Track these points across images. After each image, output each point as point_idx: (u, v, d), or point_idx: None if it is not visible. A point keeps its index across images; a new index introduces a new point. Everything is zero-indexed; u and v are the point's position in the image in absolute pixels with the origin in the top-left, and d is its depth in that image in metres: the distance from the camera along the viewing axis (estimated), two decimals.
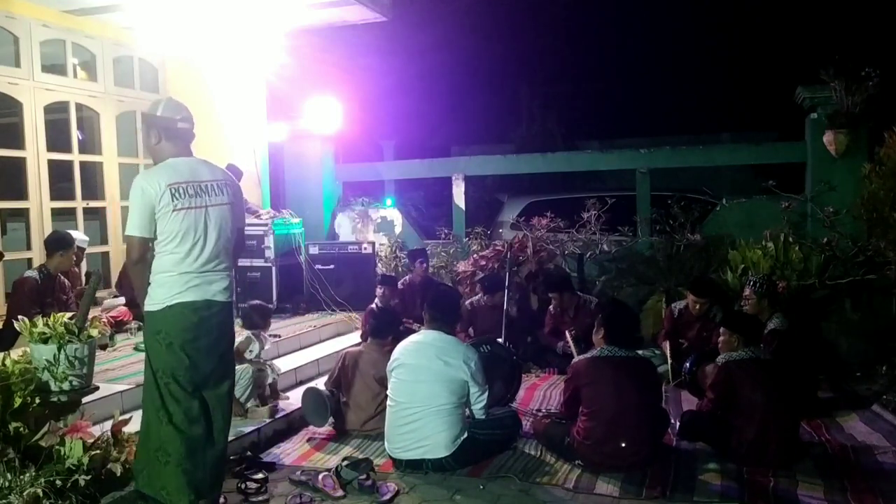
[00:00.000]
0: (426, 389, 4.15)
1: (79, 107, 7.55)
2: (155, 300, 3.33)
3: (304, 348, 6.43)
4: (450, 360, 4.18)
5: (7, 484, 3.14)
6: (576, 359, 4.44)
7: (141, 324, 6.20)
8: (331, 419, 4.82)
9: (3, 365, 3.62)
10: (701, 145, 8.79)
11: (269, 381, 5.14)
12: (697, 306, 5.97)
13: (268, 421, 4.79)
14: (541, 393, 5.74)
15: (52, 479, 3.22)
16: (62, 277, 5.86)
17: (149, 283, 3.36)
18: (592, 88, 16.86)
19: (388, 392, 4.36)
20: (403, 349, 4.34)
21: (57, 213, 7.19)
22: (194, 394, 3.32)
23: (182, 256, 3.34)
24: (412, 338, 4.43)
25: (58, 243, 5.77)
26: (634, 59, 16.20)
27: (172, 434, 3.24)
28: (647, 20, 15.59)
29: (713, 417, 4.38)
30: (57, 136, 7.25)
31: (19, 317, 3.98)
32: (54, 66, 7.29)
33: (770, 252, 6.46)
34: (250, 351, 5.05)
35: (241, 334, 5.17)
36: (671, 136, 11.62)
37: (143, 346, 4.50)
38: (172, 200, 3.28)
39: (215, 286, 3.49)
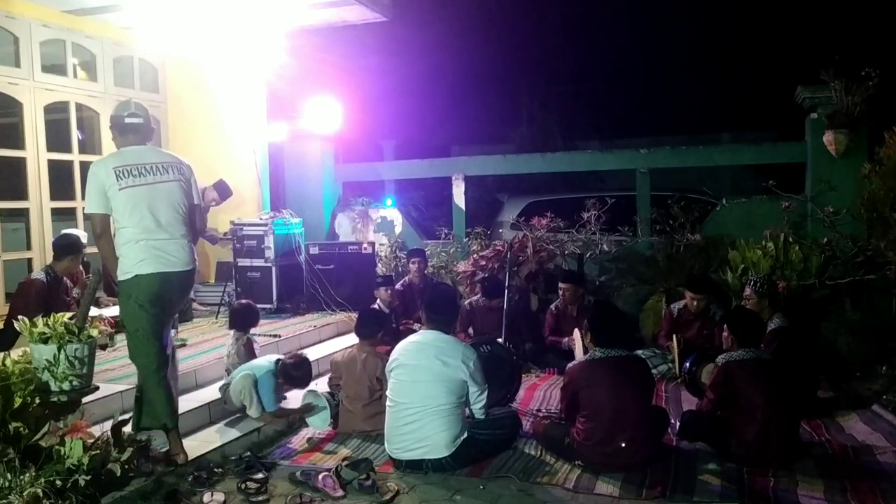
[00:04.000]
0: (425, 390, 4.15)
1: (79, 107, 7.56)
2: (123, 270, 3.96)
3: (304, 348, 6.42)
4: (448, 360, 4.18)
5: (7, 484, 3.14)
6: (570, 364, 4.43)
7: None
8: (330, 420, 4.83)
9: (3, 365, 3.62)
10: (701, 145, 8.78)
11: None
12: (695, 303, 6.00)
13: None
14: (541, 393, 5.74)
15: (52, 479, 3.22)
16: (66, 279, 5.87)
17: (117, 257, 3.97)
18: (592, 88, 16.84)
19: (387, 392, 4.36)
20: (403, 350, 4.33)
21: (57, 213, 7.20)
22: (160, 340, 4.02)
23: (136, 229, 3.93)
24: (411, 338, 4.42)
25: (69, 248, 5.77)
26: (634, 59, 16.17)
27: (154, 377, 4.00)
28: (647, 20, 15.57)
29: (713, 417, 4.38)
30: (57, 136, 7.26)
31: (20, 317, 3.99)
32: (54, 66, 7.29)
33: (770, 252, 6.46)
34: (235, 340, 5.07)
35: (230, 335, 5.22)
36: (671, 136, 11.61)
37: None
38: (118, 181, 3.89)
39: (171, 256, 4.02)
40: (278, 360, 4.98)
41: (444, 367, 4.17)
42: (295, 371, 4.98)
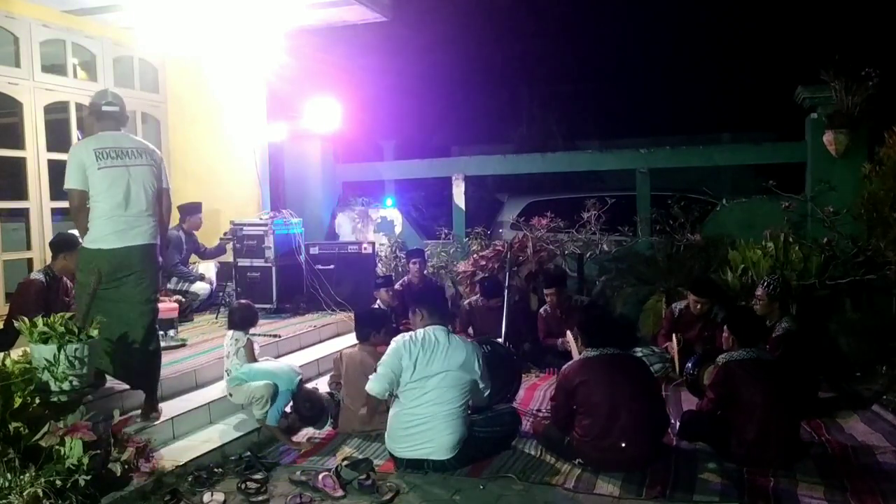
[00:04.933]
0: (440, 394, 4.13)
1: (79, 107, 7.54)
2: (90, 239, 4.32)
3: (304, 348, 6.43)
4: (462, 360, 4.18)
5: (7, 484, 3.15)
6: (565, 365, 4.43)
7: None
8: (330, 420, 4.83)
9: (3, 365, 3.62)
10: (701, 145, 8.78)
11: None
12: (699, 306, 5.98)
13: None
14: (541, 393, 5.74)
15: (52, 479, 3.22)
16: (65, 279, 5.86)
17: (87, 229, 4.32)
18: (592, 88, 16.83)
19: (397, 393, 4.28)
20: (410, 350, 4.21)
21: (57, 213, 7.19)
22: (119, 307, 4.30)
23: (111, 206, 4.29)
24: (418, 337, 4.28)
25: (62, 245, 5.75)
26: (634, 59, 16.17)
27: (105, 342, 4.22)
28: (647, 20, 15.56)
29: (713, 417, 4.38)
30: (57, 136, 7.24)
31: (20, 316, 3.99)
32: (54, 66, 7.28)
33: (770, 252, 6.46)
34: (236, 340, 5.05)
35: (226, 336, 5.20)
36: (671, 136, 11.60)
37: None
38: (97, 161, 4.27)
39: (139, 231, 4.38)
40: (300, 382, 4.90)
41: (458, 371, 4.17)
42: (307, 409, 4.85)
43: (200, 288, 7.46)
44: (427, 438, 4.09)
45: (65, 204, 7.28)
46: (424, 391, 4.13)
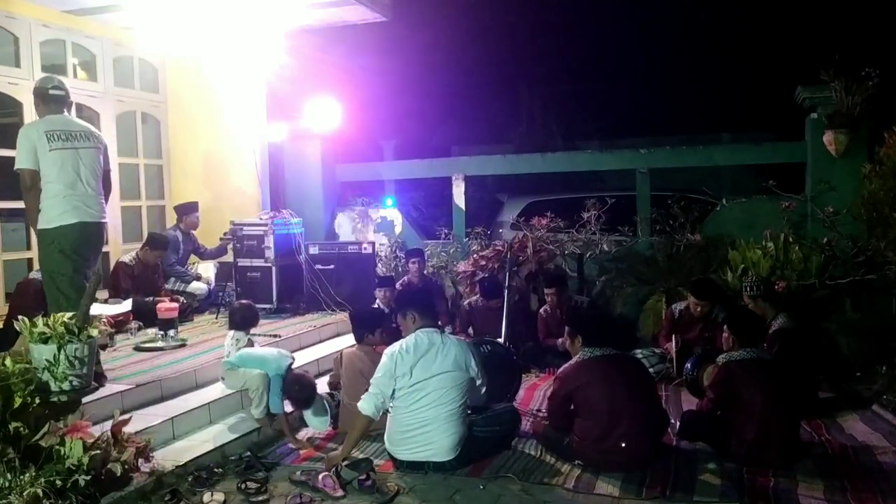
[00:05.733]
0: (436, 395, 4.11)
1: (79, 107, 7.53)
2: (47, 220, 4.50)
3: (304, 348, 6.42)
4: (460, 360, 4.18)
5: (7, 484, 3.15)
6: (562, 367, 4.43)
7: (141, 324, 6.28)
8: (330, 420, 4.83)
9: (3, 365, 3.62)
10: (701, 145, 8.77)
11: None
12: (699, 308, 5.97)
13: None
14: (541, 393, 5.74)
15: (52, 479, 3.22)
16: None
17: (38, 210, 4.51)
18: (592, 88, 16.84)
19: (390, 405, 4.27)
20: (403, 360, 4.16)
21: None
22: (77, 284, 4.48)
23: (63, 186, 4.50)
24: (409, 345, 4.22)
25: None
26: (634, 59, 16.17)
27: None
28: (647, 20, 15.57)
29: (713, 417, 4.38)
30: None
31: (20, 316, 3.99)
32: (54, 66, 7.28)
33: (770, 252, 6.46)
34: (237, 340, 5.06)
35: (227, 336, 5.20)
36: (671, 136, 11.59)
37: (143, 346, 4.90)
38: (48, 142, 4.47)
39: (91, 209, 4.62)
40: (290, 365, 4.91)
41: (457, 371, 4.16)
42: (296, 392, 4.80)
43: (197, 288, 7.47)
44: (428, 441, 4.08)
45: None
46: (424, 394, 4.11)
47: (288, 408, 4.79)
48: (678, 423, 4.58)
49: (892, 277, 6.10)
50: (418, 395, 4.12)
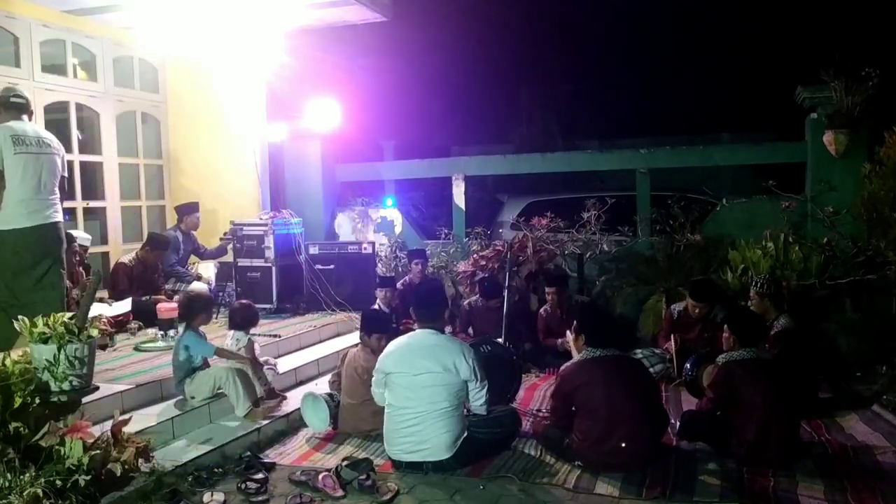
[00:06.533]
0: (425, 393, 4.12)
1: (79, 107, 7.56)
2: (5, 221, 4.72)
3: (304, 348, 6.43)
4: (446, 360, 4.17)
5: (7, 484, 3.14)
6: (563, 367, 4.43)
7: (141, 324, 6.29)
8: (330, 420, 4.83)
9: (3, 365, 3.62)
10: (701, 145, 8.77)
11: (270, 379, 5.15)
12: (697, 310, 5.96)
13: (267, 422, 4.79)
14: (541, 393, 5.74)
15: (52, 479, 3.22)
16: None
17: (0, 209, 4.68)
18: (592, 88, 16.82)
19: (385, 395, 4.31)
20: (398, 354, 4.25)
21: None
22: (33, 283, 4.76)
23: (26, 189, 4.74)
24: (405, 341, 4.32)
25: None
26: (634, 59, 16.16)
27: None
28: (647, 20, 15.58)
29: (713, 417, 4.38)
30: (57, 136, 7.22)
31: (20, 316, 3.99)
32: (54, 66, 7.29)
33: (770, 252, 6.46)
34: (237, 340, 5.06)
35: (227, 336, 5.20)
36: (671, 136, 11.59)
37: (143, 346, 4.90)
38: (14, 146, 4.70)
39: (49, 211, 4.90)
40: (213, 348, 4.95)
41: (442, 370, 4.15)
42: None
43: (197, 288, 7.46)
44: (423, 439, 4.09)
45: (65, 204, 7.34)
46: (412, 390, 4.14)
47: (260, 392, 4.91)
48: (678, 423, 4.58)
49: (892, 277, 6.10)
50: (408, 391, 4.15)
